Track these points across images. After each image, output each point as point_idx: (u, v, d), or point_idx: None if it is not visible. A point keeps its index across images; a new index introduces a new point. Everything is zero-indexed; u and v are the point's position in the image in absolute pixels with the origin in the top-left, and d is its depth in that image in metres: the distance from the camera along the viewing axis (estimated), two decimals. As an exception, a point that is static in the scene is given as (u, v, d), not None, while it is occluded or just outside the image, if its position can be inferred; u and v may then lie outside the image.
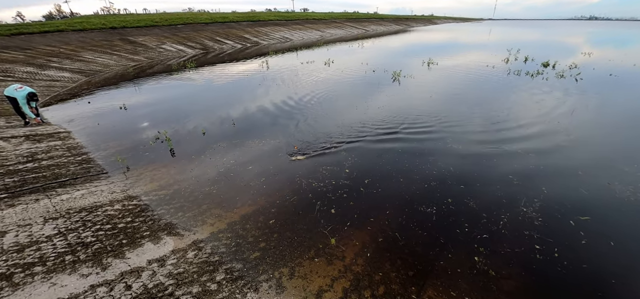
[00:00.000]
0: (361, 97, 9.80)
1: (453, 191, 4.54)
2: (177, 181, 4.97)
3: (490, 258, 3.35)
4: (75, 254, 3.12)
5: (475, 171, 5.10)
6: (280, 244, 3.55)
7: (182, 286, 2.83)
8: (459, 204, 4.25)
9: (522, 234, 3.71)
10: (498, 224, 3.86)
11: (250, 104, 9.34)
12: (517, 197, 4.41)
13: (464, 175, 4.98)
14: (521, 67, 14.45)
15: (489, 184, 4.72)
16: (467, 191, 4.56)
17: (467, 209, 4.16)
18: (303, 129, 7.14)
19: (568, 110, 8.22)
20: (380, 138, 6.47)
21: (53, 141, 6.41)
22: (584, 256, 3.38)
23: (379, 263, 3.32)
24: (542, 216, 4.01)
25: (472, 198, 4.37)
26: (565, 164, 5.33)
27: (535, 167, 5.20)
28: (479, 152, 5.79)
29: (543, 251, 3.45)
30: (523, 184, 4.71)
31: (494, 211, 4.12)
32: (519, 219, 3.95)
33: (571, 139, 6.37)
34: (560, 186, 4.68)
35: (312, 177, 4.99)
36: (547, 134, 6.62)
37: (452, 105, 8.76)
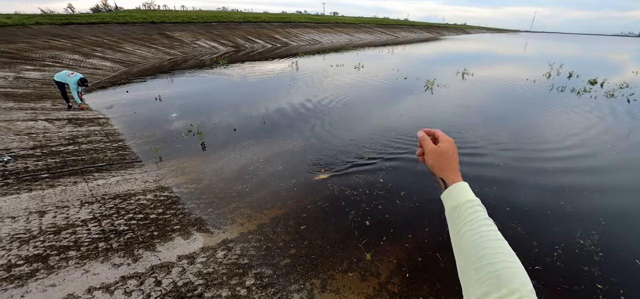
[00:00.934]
0: (393, 104, 9.47)
1: (498, 213, 4.16)
2: (207, 175, 4.94)
3: (545, 294, 2.98)
4: (108, 241, 3.10)
5: (522, 193, 4.66)
6: (311, 252, 3.36)
7: (211, 287, 2.71)
8: (506, 228, 3.87)
9: (581, 269, 3.28)
10: (552, 255, 3.46)
11: (280, 103, 9.29)
12: (571, 226, 3.95)
13: (509, 196, 4.56)
14: (565, 83, 13.46)
15: (538, 209, 4.28)
16: (514, 214, 4.16)
17: (514, 234, 3.77)
18: (333, 133, 6.95)
19: (623, 134, 7.46)
20: (416, 148, 6.14)
21: (93, 126, 6.64)
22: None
23: (417, 285, 3.04)
24: (603, 251, 3.55)
25: (520, 223, 3.97)
26: (625, 194, 4.76)
27: (590, 194, 4.67)
28: (524, 172, 5.31)
29: (606, 292, 3.03)
30: (577, 213, 4.23)
31: (546, 240, 3.70)
32: (575, 252, 3.52)
33: (629, 166, 5.72)
34: (621, 218, 4.16)
35: (345, 184, 4.77)
36: (601, 158, 5.99)
37: (490, 118, 8.22)
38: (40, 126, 6.10)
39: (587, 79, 14.05)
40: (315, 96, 10.18)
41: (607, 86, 13.02)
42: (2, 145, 5.03)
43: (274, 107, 8.87)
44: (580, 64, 22.72)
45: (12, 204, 3.51)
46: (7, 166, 4.40)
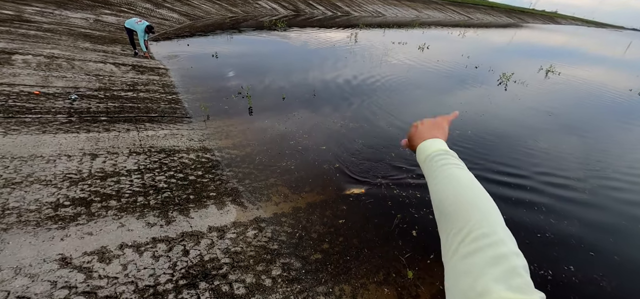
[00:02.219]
0: (457, 96, 8.43)
1: (578, 257, 3.38)
2: (250, 143, 4.82)
3: None
4: (146, 197, 3.12)
5: (608, 234, 3.75)
6: (345, 251, 3.05)
7: (236, 269, 2.56)
8: (588, 280, 3.12)
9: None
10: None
11: (333, 76, 8.83)
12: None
13: (596, 240, 3.69)
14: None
15: (631, 261, 3.40)
16: (597, 260, 3.35)
17: (597, 290, 3.02)
18: (387, 119, 6.37)
19: None
20: (480, 154, 5.34)
21: (152, 76, 6.93)
22: None
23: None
24: None
25: (602, 272, 3.18)
26: None
27: None
28: (615, 207, 4.29)
29: None
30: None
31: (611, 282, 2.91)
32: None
33: None
34: None
35: (394, 181, 4.30)
36: None
37: (577, 132, 6.87)
38: (108, 69, 6.52)
39: None
40: (372, 74, 9.50)
41: None
42: (73, 83, 5.46)
43: (326, 80, 8.46)
44: None
45: (71, 142, 3.73)
46: (74, 104, 4.73)
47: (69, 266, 2.28)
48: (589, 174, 5.04)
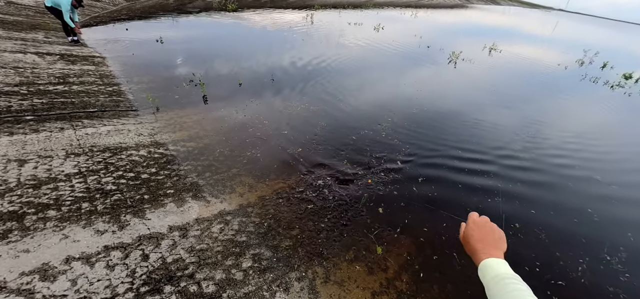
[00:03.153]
0: (413, 75, 8.82)
1: (522, 215, 3.83)
2: (207, 133, 4.58)
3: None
4: (92, 202, 2.83)
5: (549, 194, 4.30)
6: (316, 235, 3.09)
7: (204, 267, 2.46)
8: (529, 233, 3.56)
9: (606, 290, 3.01)
10: (576, 270, 3.17)
11: (291, 60, 8.66)
12: (598, 239, 3.62)
13: (535, 197, 4.20)
14: (598, 75, 12.50)
15: (565, 214, 3.94)
16: (538, 218, 3.82)
17: (537, 241, 3.46)
18: (348, 101, 6.46)
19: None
20: (435, 127, 5.69)
21: (87, 65, 6.18)
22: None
23: (427, 285, 2.80)
24: (630, 272, 3.24)
25: (544, 229, 3.64)
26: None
27: (620, 204, 4.29)
28: (551, 170, 4.91)
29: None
30: (605, 224, 3.88)
31: (570, 251, 3.39)
32: (601, 269, 3.22)
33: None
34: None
35: (357, 161, 4.41)
36: (633, 165, 5.53)
37: (518, 104, 7.64)
38: (29, 60, 5.65)
39: (622, 73, 13.04)
40: (330, 56, 9.49)
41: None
42: (-16, 76, 4.65)
43: (283, 64, 8.27)
44: (616, 54, 21.20)
45: (-11, 147, 3.21)
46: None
47: (4, 291, 2.00)
48: (528, 143, 5.66)
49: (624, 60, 18.30)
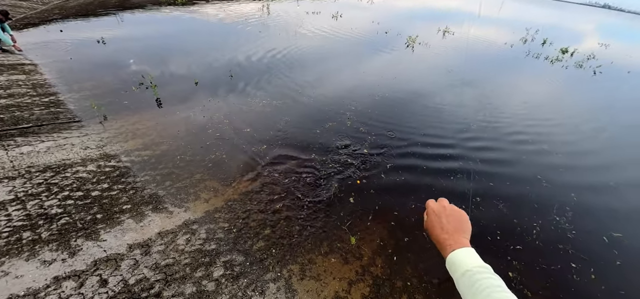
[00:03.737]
0: (373, 62, 8.99)
1: (481, 188, 4.11)
2: (164, 139, 4.31)
3: (526, 275, 3.00)
4: (35, 230, 2.54)
5: (504, 167, 4.66)
6: (288, 233, 3.06)
7: (171, 284, 2.34)
8: (489, 205, 3.83)
9: (557, 248, 3.35)
10: (531, 233, 3.49)
11: (249, 54, 8.40)
12: (548, 202, 4.01)
13: (492, 171, 4.52)
14: (540, 51, 13.69)
15: (519, 184, 4.30)
16: (496, 189, 4.13)
17: (496, 212, 3.74)
18: (309, 93, 6.43)
19: (591, 106, 7.78)
20: (398, 113, 5.87)
21: (15, 75, 5.48)
22: (620, 280, 3.07)
23: (401, 267, 2.92)
24: (576, 228, 3.64)
25: (502, 200, 3.94)
26: (594, 170, 4.94)
27: (564, 170, 4.78)
28: (504, 145, 5.30)
29: (579, 271, 3.12)
30: (553, 188, 4.30)
31: (525, 217, 3.72)
32: (552, 229, 3.59)
33: (600, 141, 5.95)
34: (590, 194, 4.30)
35: (323, 151, 4.43)
36: (572, 133, 6.16)
37: (472, 85, 8.13)
38: (-61, 72, 4.88)
39: (559, 47, 14.40)
40: (289, 48, 9.35)
41: (576, 56, 13.46)
42: None
43: (241, 58, 8.00)
44: (554, 31, 23.32)
45: None
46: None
47: None
48: (484, 121, 6.06)
49: (561, 36, 20.21)
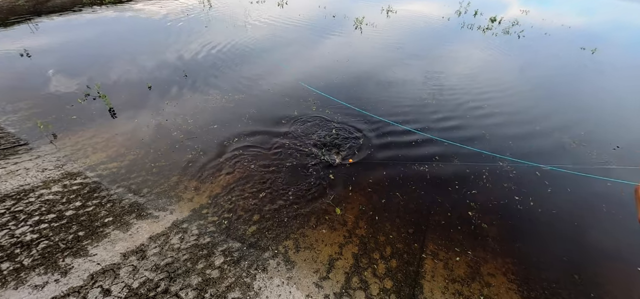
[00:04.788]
0: (326, 47, 9.29)
1: (439, 149, 4.69)
2: (129, 149, 4.19)
3: (482, 211, 3.61)
4: (14, 259, 2.44)
5: (454, 126, 5.33)
6: (277, 215, 3.29)
7: (176, 279, 2.45)
8: (446, 162, 4.42)
9: (503, 186, 4.04)
10: (482, 178, 4.14)
11: (201, 50, 8.14)
12: (493, 152, 4.73)
13: (445, 130, 5.16)
14: (473, 21, 15.11)
15: (469, 141, 4.98)
16: (451, 148, 4.75)
17: (453, 166, 4.34)
18: (273, 83, 6.54)
19: (520, 67, 9.00)
20: (356, 93, 6.28)
21: None
22: (551, 202, 3.84)
23: (380, 225, 3.33)
24: (515, 169, 4.38)
25: (456, 156, 4.57)
26: (525, 121, 5.84)
27: (503, 125, 5.56)
28: (455, 108, 6.01)
29: (521, 201, 3.82)
30: (496, 140, 5.04)
31: (475, 166, 4.38)
32: (497, 173, 4.28)
33: (528, 97, 7.00)
34: (523, 140, 5.12)
35: (295, 137, 4.66)
36: (507, 94, 7.14)
37: (422, 59, 8.86)
38: None
39: (489, 17, 16.04)
40: (240, 40, 9.23)
41: (503, 24, 15.15)
42: None
43: (192, 56, 7.75)
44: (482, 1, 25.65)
45: None
46: None
47: None
48: (434, 88, 6.75)
49: (490, 5, 22.38)
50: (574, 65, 8.98)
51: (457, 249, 3.10)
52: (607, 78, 8.05)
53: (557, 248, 3.25)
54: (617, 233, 3.47)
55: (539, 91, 7.13)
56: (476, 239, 3.26)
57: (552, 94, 7.03)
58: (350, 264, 2.84)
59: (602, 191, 4.08)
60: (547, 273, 2.97)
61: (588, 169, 4.42)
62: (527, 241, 3.28)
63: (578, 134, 5.27)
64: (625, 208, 3.79)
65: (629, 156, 4.77)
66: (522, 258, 3.11)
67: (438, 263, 2.96)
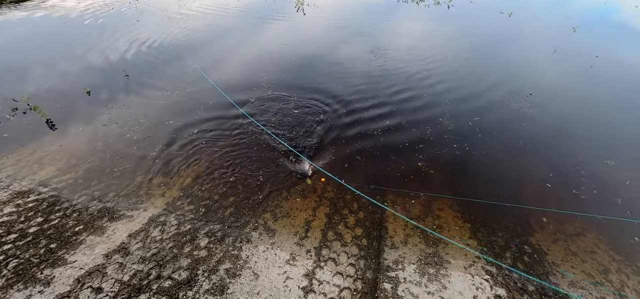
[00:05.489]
0: (271, 32, 9.33)
1: (389, 115, 5.24)
2: (81, 158, 4.01)
3: (428, 161, 4.22)
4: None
5: (398, 90, 5.93)
6: (251, 194, 3.52)
7: (166, 265, 2.60)
8: (396, 124, 4.98)
9: (443, 138, 4.71)
10: (426, 134, 4.77)
11: (138, 46, 7.67)
12: (434, 111, 5.38)
13: (390, 96, 5.73)
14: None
15: (412, 100, 5.62)
16: (399, 111, 5.32)
17: (401, 128, 4.91)
18: (222, 73, 6.51)
19: (452, 35, 10.01)
20: (309, 74, 6.57)
21: None
22: (482, 144, 4.61)
23: (348, 181, 3.75)
24: (452, 122, 5.08)
25: (403, 116, 5.17)
26: (458, 81, 6.66)
27: (440, 85, 6.30)
28: (401, 76, 6.62)
29: (459, 147, 4.52)
30: (436, 101, 5.72)
31: (420, 124, 5.00)
32: (438, 128, 4.94)
33: (461, 61, 7.91)
34: (457, 98, 5.89)
35: (257, 119, 4.84)
36: (442, 59, 7.98)
37: (367, 35, 9.36)
38: None
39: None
40: (179, 32, 8.84)
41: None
42: None
43: (131, 54, 7.30)
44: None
45: None
46: None
47: None
48: (380, 60, 7.30)
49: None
50: (497, 29, 10.23)
51: (412, 194, 3.66)
52: (526, 40, 9.39)
53: (488, 179, 3.99)
54: (532, 161, 4.34)
55: (470, 56, 8.06)
56: (426, 184, 3.85)
57: (480, 58, 8.03)
58: (324, 222, 3.22)
59: (520, 130, 4.97)
60: (482, 200, 3.66)
61: (508, 116, 5.33)
62: (465, 178, 3.97)
63: (502, 89, 6.21)
64: (536, 140, 4.71)
65: (540, 99, 5.82)
66: (463, 192, 3.77)
67: (398, 207, 3.48)
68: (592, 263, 2.99)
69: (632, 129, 5.01)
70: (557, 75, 6.85)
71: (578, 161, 4.26)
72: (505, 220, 3.42)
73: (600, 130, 4.96)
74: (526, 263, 2.94)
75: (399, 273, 2.71)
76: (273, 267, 2.66)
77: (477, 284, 2.67)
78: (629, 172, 4.12)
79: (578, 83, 6.52)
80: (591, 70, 6.99)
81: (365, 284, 2.58)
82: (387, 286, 2.57)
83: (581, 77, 6.79)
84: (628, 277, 2.88)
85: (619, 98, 5.95)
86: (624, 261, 3.03)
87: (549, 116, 5.27)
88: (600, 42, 8.78)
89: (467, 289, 2.61)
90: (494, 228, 3.32)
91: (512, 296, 2.60)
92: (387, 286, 2.58)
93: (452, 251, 2.98)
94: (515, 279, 2.76)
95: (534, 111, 5.39)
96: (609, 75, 6.80)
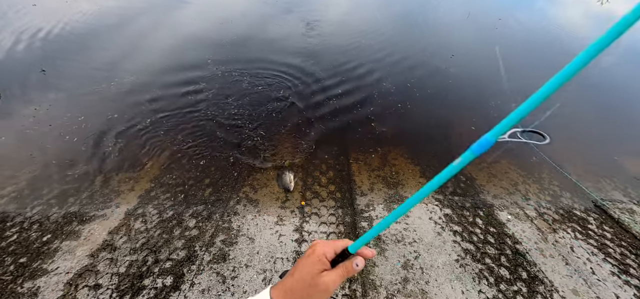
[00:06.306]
0: (193, 9, 8.85)
1: (340, 85, 5.66)
2: (19, 170, 3.59)
3: (379, 121, 4.80)
4: (-42, 305, 2.17)
5: (343, 62, 6.38)
6: (225, 175, 3.65)
7: (160, 249, 2.67)
8: (347, 91, 5.44)
9: (389, 100, 5.33)
10: (374, 98, 5.34)
11: (42, 33, 6.63)
12: (378, 78, 5.96)
13: (338, 70, 6.15)
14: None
15: (357, 68, 6.13)
16: (346, 81, 5.78)
17: (351, 95, 5.39)
18: (170, 58, 6.12)
19: (382, 3, 10.71)
20: (239, 54, 6.58)
21: None
22: (421, 103, 5.37)
23: (314, 153, 4.12)
24: (394, 86, 5.74)
25: (349, 81, 5.66)
26: (388, 49, 7.39)
27: (379, 52, 6.95)
28: (337, 50, 7.05)
29: (402, 106, 5.19)
30: (378, 68, 6.31)
31: (368, 90, 5.55)
32: (384, 92, 5.56)
33: (390, 26, 8.65)
34: (394, 64, 6.59)
35: (211, 103, 4.82)
36: (377, 32, 8.63)
37: (294, 11, 9.47)
38: None
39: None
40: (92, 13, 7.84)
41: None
42: None
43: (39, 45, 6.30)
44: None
45: None
46: None
47: None
48: (316, 30, 7.59)
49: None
50: None
51: (371, 150, 4.20)
52: (445, 6, 10.55)
53: (428, 129, 4.75)
54: (460, 110, 5.24)
55: (401, 24, 8.85)
56: (380, 141, 4.42)
57: (411, 24, 8.88)
58: (300, 185, 3.56)
59: (447, 83, 5.87)
60: (427, 147, 4.38)
61: (437, 75, 6.20)
62: (412, 131, 4.66)
63: (430, 52, 7.10)
64: (461, 94, 5.65)
65: (460, 60, 6.84)
66: (411, 142, 4.44)
67: (360, 163, 3.98)
68: (507, 180, 3.92)
69: (531, 73, 6.34)
70: (471, 37, 8.06)
71: (492, 106, 5.31)
72: (444, 159, 4.19)
73: (509, 81, 6.13)
74: (462, 188, 3.72)
75: (371, 212, 3.22)
76: (265, 230, 2.94)
77: (430, 210, 3.33)
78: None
79: (487, 42, 7.81)
80: (496, 31, 8.39)
81: (347, 227, 3.04)
82: (364, 224, 3.07)
83: (489, 36, 8.12)
84: (530, 186, 3.86)
85: (517, 51, 7.36)
86: (527, 175, 4.03)
87: (468, 71, 6.32)
88: (505, 4, 10.45)
89: (424, 214, 3.26)
90: (436, 167, 4.05)
91: (456, 212, 3.33)
92: (364, 224, 3.07)
93: (408, 189, 3.62)
94: (456, 201, 3.51)
95: (457, 69, 6.37)
96: (509, 32, 8.27)
